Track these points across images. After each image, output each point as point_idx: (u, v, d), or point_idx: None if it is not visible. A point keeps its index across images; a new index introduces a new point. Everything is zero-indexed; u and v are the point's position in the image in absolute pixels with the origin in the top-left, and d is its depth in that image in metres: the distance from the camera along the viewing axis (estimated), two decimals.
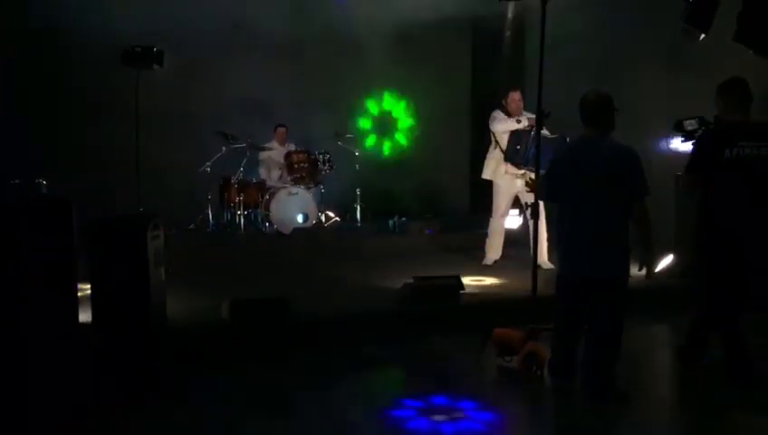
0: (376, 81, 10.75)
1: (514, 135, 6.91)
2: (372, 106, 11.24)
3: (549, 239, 7.01)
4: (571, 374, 4.43)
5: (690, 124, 5.08)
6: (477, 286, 6.29)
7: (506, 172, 7.11)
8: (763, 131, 4.41)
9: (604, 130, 4.33)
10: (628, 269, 4.31)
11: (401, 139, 11.44)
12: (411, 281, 5.96)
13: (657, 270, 6.65)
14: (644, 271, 4.36)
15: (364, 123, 11.20)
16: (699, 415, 4.15)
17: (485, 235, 7.67)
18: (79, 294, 4.57)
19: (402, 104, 11.41)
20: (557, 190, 4.45)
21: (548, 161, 4.63)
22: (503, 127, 7.16)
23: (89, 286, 4.52)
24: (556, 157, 4.57)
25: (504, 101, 7.22)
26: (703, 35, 5.50)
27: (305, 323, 5.38)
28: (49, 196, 4.62)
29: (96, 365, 4.38)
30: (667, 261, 6.81)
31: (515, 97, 7.14)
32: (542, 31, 4.71)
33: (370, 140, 11.18)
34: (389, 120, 11.37)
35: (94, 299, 4.41)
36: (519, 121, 7.04)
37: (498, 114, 7.22)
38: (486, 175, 7.31)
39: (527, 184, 5.75)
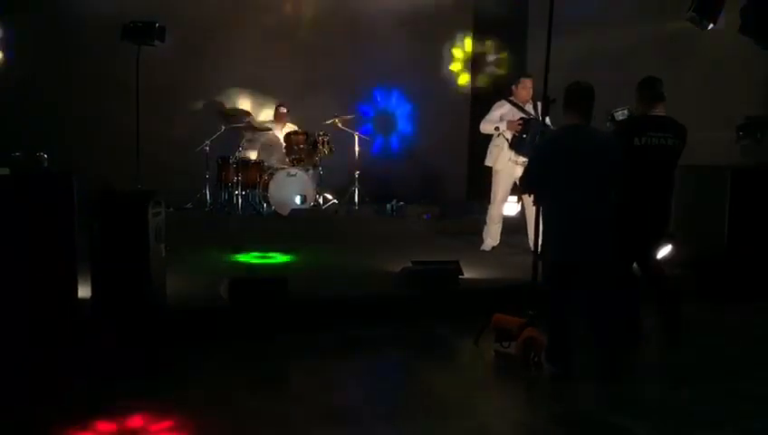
0: (376, 63, 10.67)
1: (523, 122, 6.87)
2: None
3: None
4: (567, 360, 4.45)
5: (621, 114, 5.39)
6: (476, 272, 6.28)
7: (509, 160, 7.09)
8: (667, 124, 5.08)
9: (588, 119, 4.49)
10: (614, 251, 4.49)
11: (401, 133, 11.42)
12: (410, 265, 5.96)
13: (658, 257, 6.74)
14: None
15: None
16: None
17: (483, 221, 7.66)
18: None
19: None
20: (543, 178, 4.47)
21: (534, 151, 4.68)
22: (484, 128, 7.20)
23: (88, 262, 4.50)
24: (542, 145, 4.60)
25: (514, 87, 7.17)
26: (711, 25, 5.49)
27: (305, 304, 5.37)
28: (50, 170, 4.55)
29: (94, 341, 4.36)
30: (665, 251, 6.81)
31: (527, 84, 7.09)
32: (550, 17, 4.67)
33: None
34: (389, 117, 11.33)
35: (94, 275, 4.38)
36: (497, 129, 7.05)
37: (493, 111, 7.17)
38: (489, 162, 7.29)
39: None
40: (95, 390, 4.09)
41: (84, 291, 4.57)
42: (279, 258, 6.92)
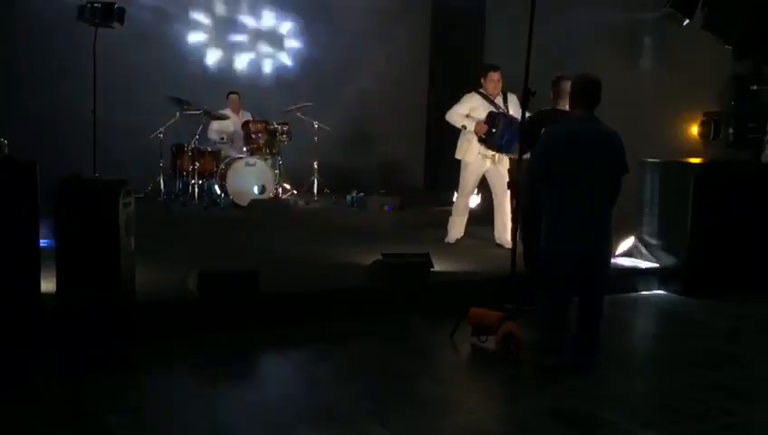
0: (334, 51, 10.53)
1: (490, 118, 6.85)
2: None
3: (514, 220, 7.02)
4: (563, 352, 4.45)
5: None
6: (445, 265, 6.24)
7: (479, 153, 7.06)
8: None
9: (593, 112, 4.50)
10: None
11: None
12: (380, 258, 5.87)
13: (618, 252, 6.86)
14: None
15: None
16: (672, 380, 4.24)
17: (444, 212, 7.64)
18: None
19: None
20: (552, 168, 4.44)
21: (540, 142, 4.64)
22: (451, 119, 7.12)
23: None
24: (552, 136, 4.57)
25: (482, 80, 7.12)
26: (687, 21, 5.56)
27: (275, 298, 5.23)
28: (11, 157, 4.29)
29: (60, 337, 4.15)
30: (628, 244, 6.93)
31: (494, 77, 7.03)
32: (533, 5, 4.64)
33: None
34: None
35: (59, 268, 4.15)
36: (464, 127, 7.01)
37: (463, 104, 7.11)
38: (459, 155, 7.25)
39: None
40: (57, 385, 3.91)
41: (49, 285, 4.34)
42: None
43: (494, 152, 6.97)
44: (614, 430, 3.69)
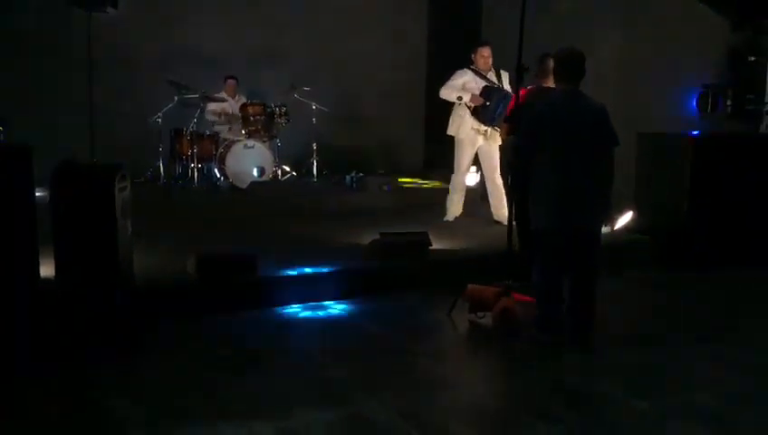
0: (331, 33, 10.48)
1: (485, 91, 6.83)
2: None
3: (508, 196, 7.02)
4: (560, 327, 4.47)
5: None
6: (444, 243, 6.26)
7: (471, 128, 7.05)
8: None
9: (578, 85, 4.49)
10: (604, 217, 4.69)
11: None
12: (378, 237, 5.89)
13: (617, 226, 6.87)
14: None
15: None
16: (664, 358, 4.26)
17: (444, 191, 7.64)
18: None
19: None
20: (538, 145, 4.43)
21: (524, 119, 4.62)
22: (445, 94, 7.10)
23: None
24: (536, 112, 4.54)
25: (472, 56, 7.10)
26: None
27: (273, 280, 5.26)
28: (5, 142, 4.29)
29: (59, 323, 4.18)
30: (627, 217, 6.93)
31: (484, 53, 7.02)
32: None
33: None
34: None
35: (57, 253, 4.18)
36: (459, 99, 6.98)
37: (455, 79, 7.09)
38: (451, 131, 7.23)
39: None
40: (59, 369, 3.94)
41: (47, 270, 4.37)
42: None
43: (486, 127, 6.96)
44: (610, 402, 3.73)
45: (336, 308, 5.13)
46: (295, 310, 5.06)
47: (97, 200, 4.12)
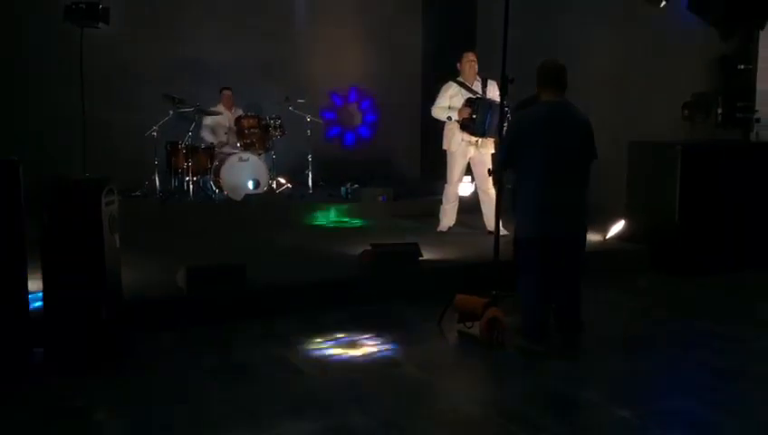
0: (327, 47, 10.55)
1: (468, 104, 6.88)
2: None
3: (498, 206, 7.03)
4: (548, 335, 4.48)
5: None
6: (435, 253, 6.28)
7: (462, 140, 7.09)
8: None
9: (563, 95, 4.55)
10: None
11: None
12: (369, 248, 5.92)
13: (609, 234, 6.89)
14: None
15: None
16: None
17: (438, 202, 7.67)
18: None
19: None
20: (524, 153, 4.46)
21: (512, 128, 4.66)
22: (436, 114, 7.19)
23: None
24: (522, 122, 4.58)
25: (458, 64, 7.17)
26: (664, 2, 5.55)
27: (263, 291, 5.28)
28: None
29: (46, 336, 4.20)
30: (618, 226, 6.94)
31: (470, 57, 7.10)
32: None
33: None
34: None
35: (45, 267, 4.20)
36: (449, 119, 7.04)
37: (442, 95, 7.14)
38: (444, 145, 7.30)
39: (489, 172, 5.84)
40: (50, 386, 3.96)
41: (35, 284, 4.40)
42: None
43: (477, 138, 6.99)
44: (592, 411, 3.74)
45: (325, 318, 5.14)
46: (284, 321, 5.07)
47: (84, 214, 4.15)
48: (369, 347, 4.69)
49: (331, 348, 4.67)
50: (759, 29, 6.21)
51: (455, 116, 6.99)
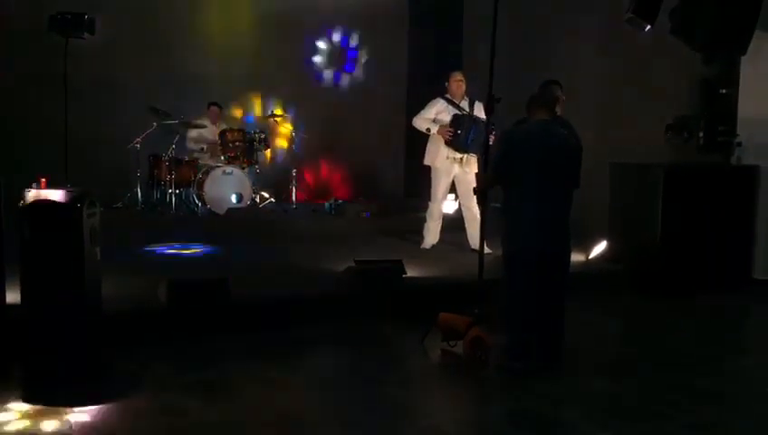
0: (313, 60, 10.59)
1: (454, 121, 6.91)
2: None
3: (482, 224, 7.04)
4: (531, 355, 4.47)
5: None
6: (419, 271, 6.26)
7: (447, 157, 7.11)
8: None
9: (554, 115, 4.61)
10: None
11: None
12: (353, 264, 5.89)
13: (591, 255, 6.91)
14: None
15: None
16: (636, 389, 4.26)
17: (422, 219, 7.66)
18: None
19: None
20: (512, 173, 4.49)
21: (503, 144, 4.69)
22: (416, 124, 7.22)
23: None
24: (515, 135, 4.63)
25: (447, 84, 7.21)
26: (648, 26, 5.61)
27: (246, 306, 5.24)
28: None
29: (25, 349, 4.13)
30: (601, 247, 6.97)
31: (457, 76, 7.15)
32: (495, 14, 4.68)
33: None
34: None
35: (23, 279, 4.14)
36: (428, 130, 7.08)
37: (428, 109, 7.18)
38: (427, 161, 7.29)
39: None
40: (29, 400, 3.88)
41: (13, 296, 4.32)
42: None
43: (461, 154, 7.01)
44: (573, 431, 3.73)
45: (307, 334, 5.10)
46: (266, 335, 5.02)
47: (64, 226, 4.09)
48: (353, 364, 4.66)
49: (312, 365, 4.63)
50: (741, 54, 6.28)
51: (434, 130, 7.02)
